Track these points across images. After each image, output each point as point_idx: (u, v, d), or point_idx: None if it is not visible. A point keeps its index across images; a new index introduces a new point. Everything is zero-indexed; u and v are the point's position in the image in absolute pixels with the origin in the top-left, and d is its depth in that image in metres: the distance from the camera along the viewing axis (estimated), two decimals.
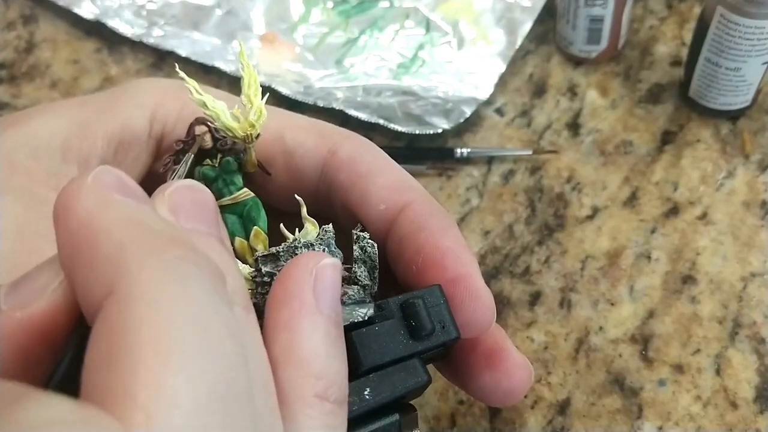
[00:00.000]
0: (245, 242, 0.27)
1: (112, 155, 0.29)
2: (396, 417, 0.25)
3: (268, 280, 0.25)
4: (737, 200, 0.46)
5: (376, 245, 0.27)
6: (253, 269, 0.26)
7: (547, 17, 0.53)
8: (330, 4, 0.55)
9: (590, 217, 0.46)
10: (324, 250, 0.26)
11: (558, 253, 0.44)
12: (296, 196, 0.27)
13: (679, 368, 0.40)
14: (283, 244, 0.26)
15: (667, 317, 0.42)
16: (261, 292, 0.26)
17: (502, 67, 0.51)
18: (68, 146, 0.28)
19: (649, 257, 0.44)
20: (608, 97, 0.50)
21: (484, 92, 0.50)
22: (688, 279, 0.43)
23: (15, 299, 0.19)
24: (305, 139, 0.29)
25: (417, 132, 0.48)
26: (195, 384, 0.16)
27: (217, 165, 0.28)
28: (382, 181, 0.28)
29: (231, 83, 0.52)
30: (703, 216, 0.45)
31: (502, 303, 0.43)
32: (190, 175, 0.28)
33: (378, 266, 0.27)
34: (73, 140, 0.28)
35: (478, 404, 0.40)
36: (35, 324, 0.18)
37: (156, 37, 0.53)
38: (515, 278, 0.44)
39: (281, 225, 0.26)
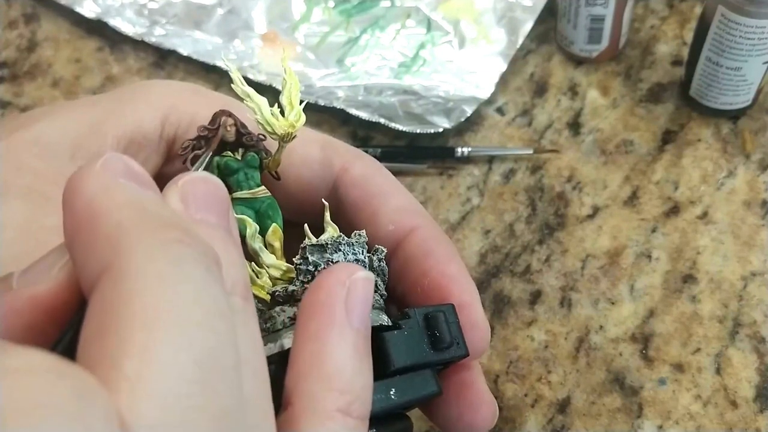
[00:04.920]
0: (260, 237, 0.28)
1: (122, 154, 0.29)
2: (410, 421, 0.25)
3: (312, 269, 0.26)
4: (738, 199, 0.46)
5: (385, 261, 0.28)
6: (299, 257, 0.26)
7: (548, 17, 0.53)
8: (331, 4, 0.55)
9: (591, 217, 0.46)
10: (361, 252, 0.27)
11: (558, 252, 0.44)
12: (323, 200, 0.28)
13: (679, 367, 0.40)
14: (327, 235, 0.27)
15: (667, 316, 0.42)
16: (302, 280, 0.26)
17: (503, 67, 0.51)
18: (77, 146, 0.28)
19: (649, 256, 0.44)
20: (609, 96, 0.50)
21: (485, 91, 0.50)
22: (689, 278, 0.43)
23: (25, 279, 0.19)
24: (317, 154, 0.30)
25: (418, 131, 0.48)
26: (180, 354, 0.16)
27: (240, 158, 0.28)
28: (394, 202, 0.30)
29: (232, 82, 0.52)
30: (704, 215, 0.45)
31: (502, 302, 0.43)
32: (207, 165, 0.28)
33: (387, 281, 0.28)
34: (83, 140, 0.28)
35: None
36: (41, 301, 0.19)
37: (158, 36, 0.53)
38: (516, 277, 0.44)
39: (305, 225, 0.27)
